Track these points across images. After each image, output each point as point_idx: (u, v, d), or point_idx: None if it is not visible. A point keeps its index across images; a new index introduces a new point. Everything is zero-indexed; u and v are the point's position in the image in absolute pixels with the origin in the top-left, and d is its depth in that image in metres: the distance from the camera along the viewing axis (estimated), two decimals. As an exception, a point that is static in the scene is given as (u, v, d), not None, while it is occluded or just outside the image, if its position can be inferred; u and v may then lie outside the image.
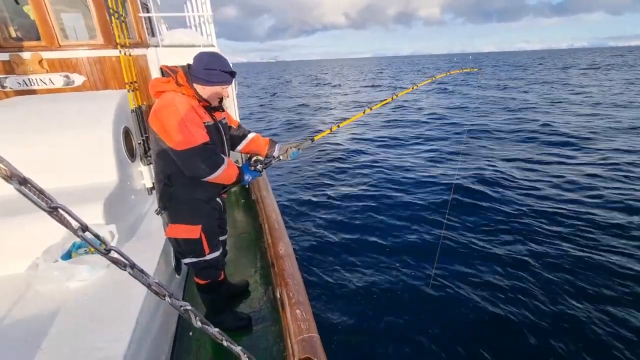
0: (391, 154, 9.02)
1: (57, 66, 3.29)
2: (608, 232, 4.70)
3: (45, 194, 0.47)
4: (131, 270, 0.58)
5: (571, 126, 10.75)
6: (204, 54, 1.77)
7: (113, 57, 3.46)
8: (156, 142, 1.74)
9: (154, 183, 1.95)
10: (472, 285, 3.83)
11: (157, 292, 0.62)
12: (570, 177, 6.61)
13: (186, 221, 1.88)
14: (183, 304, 0.69)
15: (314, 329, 1.21)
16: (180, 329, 2.30)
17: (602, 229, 4.76)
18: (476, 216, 5.27)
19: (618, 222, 4.92)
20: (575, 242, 4.50)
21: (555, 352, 3.01)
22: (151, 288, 0.61)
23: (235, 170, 1.88)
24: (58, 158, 2.20)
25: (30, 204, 0.42)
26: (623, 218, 5.02)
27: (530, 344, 3.10)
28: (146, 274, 0.62)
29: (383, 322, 3.38)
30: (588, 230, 4.76)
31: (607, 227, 4.80)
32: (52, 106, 2.73)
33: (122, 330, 1.51)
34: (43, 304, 1.70)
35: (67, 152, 2.15)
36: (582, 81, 25.39)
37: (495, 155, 8.19)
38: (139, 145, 2.94)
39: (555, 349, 3.04)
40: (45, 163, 2.21)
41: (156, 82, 1.77)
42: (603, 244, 4.42)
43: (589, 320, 3.30)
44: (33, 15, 3.21)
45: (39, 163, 2.20)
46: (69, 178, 2.20)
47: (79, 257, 1.91)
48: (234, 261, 2.93)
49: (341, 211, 5.75)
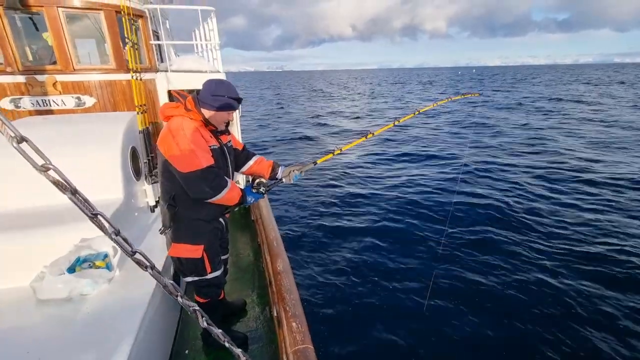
0: (394, 173, 9.27)
1: (70, 88, 3.47)
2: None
3: (90, 203, 0.57)
4: (151, 271, 0.66)
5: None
6: (212, 81, 1.87)
7: (124, 81, 3.66)
8: (163, 164, 1.82)
9: (159, 202, 2.03)
10: (466, 305, 3.91)
11: (171, 292, 0.71)
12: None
13: (189, 241, 1.93)
14: (192, 304, 0.77)
15: (309, 341, 1.27)
16: (176, 345, 2.31)
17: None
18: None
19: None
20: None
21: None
22: (166, 288, 0.69)
23: (238, 193, 1.94)
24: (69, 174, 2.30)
25: (32, 219, 0.50)
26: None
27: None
28: (162, 275, 0.70)
29: (376, 336, 3.50)
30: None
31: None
32: (66, 125, 2.86)
33: (122, 342, 1.55)
34: (46, 316, 1.74)
35: (79, 169, 2.25)
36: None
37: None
38: (145, 164, 3.06)
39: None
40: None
41: (166, 107, 1.87)
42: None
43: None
44: (51, 41, 3.43)
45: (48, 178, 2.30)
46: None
47: (83, 271, 1.96)
48: (231, 280, 2.96)
49: (339, 230, 5.85)
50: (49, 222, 2.09)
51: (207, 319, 0.79)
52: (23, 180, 2.29)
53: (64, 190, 0.53)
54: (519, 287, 4.18)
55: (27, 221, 2.11)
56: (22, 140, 0.52)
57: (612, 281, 4.28)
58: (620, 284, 4.21)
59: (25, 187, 2.29)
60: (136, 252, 0.65)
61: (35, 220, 2.10)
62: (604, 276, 4.37)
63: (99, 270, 2.00)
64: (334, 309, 3.89)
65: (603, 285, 4.19)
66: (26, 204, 2.26)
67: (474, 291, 4.14)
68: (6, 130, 0.50)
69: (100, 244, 2.08)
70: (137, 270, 2.16)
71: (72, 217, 2.17)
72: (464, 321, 3.66)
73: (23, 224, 2.07)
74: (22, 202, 2.26)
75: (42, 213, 2.18)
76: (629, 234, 5.41)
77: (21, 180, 2.28)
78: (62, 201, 2.26)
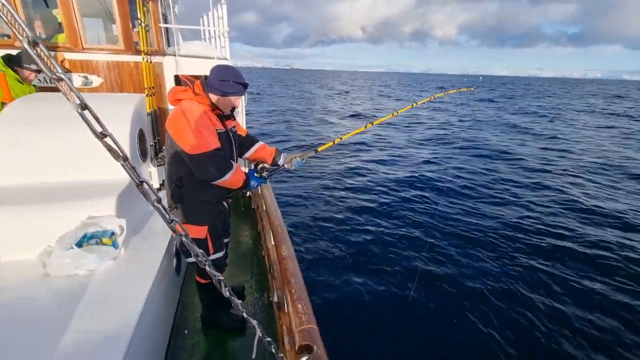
0: (391, 166, 9.45)
1: (78, 67, 3.46)
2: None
3: (136, 171, 0.61)
4: (185, 239, 0.71)
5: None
6: (220, 66, 1.91)
7: (132, 63, 3.65)
8: (171, 145, 1.86)
9: (165, 184, 2.07)
10: (455, 287, 4.19)
11: (200, 261, 0.75)
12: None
13: (194, 221, 1.98)
14: (217, 274, 0.82)
15: (314, 321, 1.33)
16: (176, 326, 2.36)
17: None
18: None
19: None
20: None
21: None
22: (197, 257, 0.74)
23: (242, 176, 1.99)
24: (78, 153, 2.33)
25: (39, 195, 0.52)
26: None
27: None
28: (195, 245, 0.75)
29: (375, 320, 3.73)
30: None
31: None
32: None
33: (128, 314, 1.59)
34: (53, 288, 1.77)
35: (87, 148, 2.27)
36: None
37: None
38: (151, 147, 3.08)
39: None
40: (66, 156, 2.33)
41: (175, 90, 1.91)
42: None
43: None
44: (60, 18, 3.41)
45: (59, 155, 2.32)
46: (87, 172, 2.32)
47: (90, 246, 2.00)
48: (230, 265, 3.02)
49: (340, 218, 6.06)
50: (56, 198, 2.12)
51: (229, 289, 0.84)
52: (32, 155, 2.31)
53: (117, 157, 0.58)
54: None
55: (34, 196, 2.13)
56: (85, 107, 0.56)
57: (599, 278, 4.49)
58: (602, 281, 4.43)
59: (35, 163, 2.31)
60: (173, 221, 0.69)
61: (42, 196, 2.13)
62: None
63: (106, 247, 2.03)
64: (336, 292, 4.14)
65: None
66: (33, 180, 2.28)
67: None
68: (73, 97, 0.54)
69: (107, 222, 2.11)
70: (140, 251, 2.21)
71: (79, 194, 2.20)
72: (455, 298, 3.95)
73: (30, 198, 2.10)
74: (30, 178, 2.28)
75: (50, 189, 2.20)
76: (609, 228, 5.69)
77: (30, 155, 2.30)
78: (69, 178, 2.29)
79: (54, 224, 1.98)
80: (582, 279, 4.46)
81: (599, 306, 3.96)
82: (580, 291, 4.22)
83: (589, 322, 3.73)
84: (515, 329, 3.61)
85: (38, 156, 2.29)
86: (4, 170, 2.25)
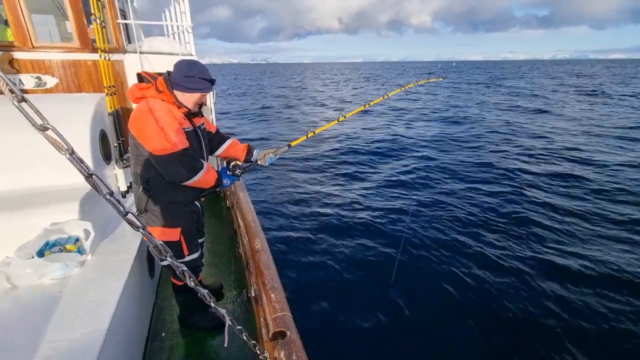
0: (367, 159, 9.64)
1: (29, 67, 3.24)
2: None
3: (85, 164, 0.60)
4: (143, 230, 0.70)
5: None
6: (184, 61, 1.81)
7: (89, 61, 3.47)
8: (135, 147, 1.78)
9: (132, 187, 1.99)
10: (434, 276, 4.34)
11: (161, 252, 0.75)
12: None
13: (166, 224, 1.92)
14: (180, 265, 0.82)
15: (287, 309, 1.36)
16: (152, 329, 2.32)
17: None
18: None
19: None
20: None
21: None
22: (157, 248, 0.73)
23: (214, 175, 1.93)
24: (35, 157, 2.20)
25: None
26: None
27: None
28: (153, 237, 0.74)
29: (348, 307, 3.81)
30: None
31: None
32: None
33: (98, 323, 1.54)
34: (15, 300, 1.68)
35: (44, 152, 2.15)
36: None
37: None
38: (115, 148, 2.96)
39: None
40: (23, 162, 2.20)
41: (136, 88, 1.80)
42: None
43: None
44: (5, 15, 3.18)
45: (15, 161, 2.19)
46: (47, 177, 2.20)
47: (53, 255, 1.91)
48: (207, 266, 2.98)
49: (313, 212, 6.12)
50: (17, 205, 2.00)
51: (193, 280, 0.84)
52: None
53: (60, 150, 0.56)
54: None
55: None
56: (23, 99, 0.54)
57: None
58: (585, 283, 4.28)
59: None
60: (129, 213, 0.68)
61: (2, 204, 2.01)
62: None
63: (70, 254, 1.95)
64: (309, 282, 4.27)
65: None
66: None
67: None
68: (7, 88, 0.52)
69: (71, 227, 2.02)
70: (111, 255, 2.13)
71: (39, 201, 2.09)
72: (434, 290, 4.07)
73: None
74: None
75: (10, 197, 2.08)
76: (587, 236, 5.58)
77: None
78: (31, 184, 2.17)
79: (12, 233, 1.88)
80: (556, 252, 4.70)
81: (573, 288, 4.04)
82: (562, 269, 4.38)
83: (564, 300, 3.86)
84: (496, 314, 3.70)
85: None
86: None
